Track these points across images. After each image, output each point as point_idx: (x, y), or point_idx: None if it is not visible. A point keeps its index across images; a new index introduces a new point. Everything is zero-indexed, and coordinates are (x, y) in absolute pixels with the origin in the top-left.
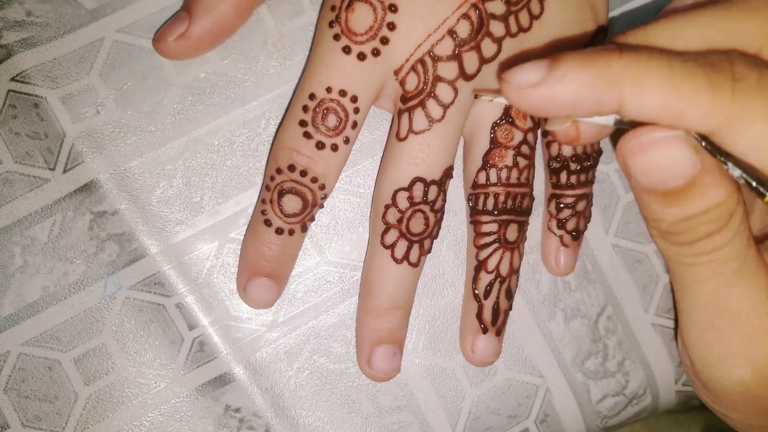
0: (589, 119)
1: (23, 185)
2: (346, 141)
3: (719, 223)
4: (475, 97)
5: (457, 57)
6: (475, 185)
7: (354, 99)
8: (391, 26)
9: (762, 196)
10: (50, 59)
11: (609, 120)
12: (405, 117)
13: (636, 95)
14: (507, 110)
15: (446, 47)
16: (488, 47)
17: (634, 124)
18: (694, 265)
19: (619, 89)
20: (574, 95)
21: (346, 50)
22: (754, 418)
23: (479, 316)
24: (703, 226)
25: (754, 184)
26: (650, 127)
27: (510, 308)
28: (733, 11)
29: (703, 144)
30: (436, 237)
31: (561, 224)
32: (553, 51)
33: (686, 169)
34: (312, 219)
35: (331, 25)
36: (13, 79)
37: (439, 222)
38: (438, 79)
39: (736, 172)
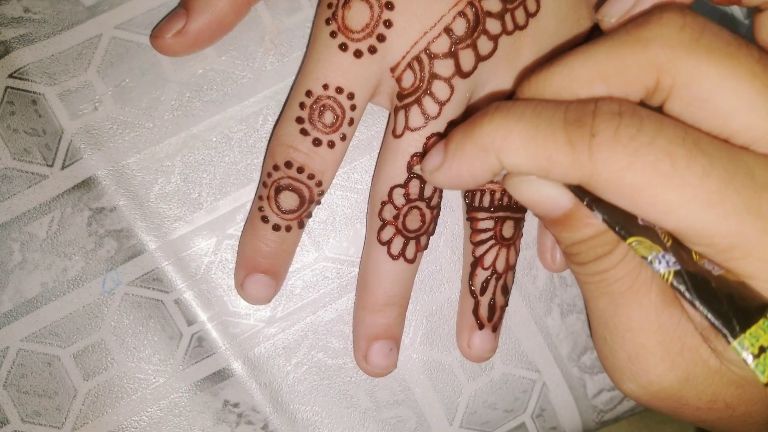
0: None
1: (21, 182)
2: (343, 138)
3: (605, 248)
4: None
5: (453, 54)
6: None
7: (351, 96)
8: (388, 24)
9: (623, 238)
10: (48, 56)
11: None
12: (401, 114)
13: (507, 155)
14: None
15: (442, 45)
16: (484, 45)
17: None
18: (588, 283)
19: (494, 152)
20: (467, 168)
21: (343, 47)
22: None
23: (476, 312)
24: (591, 250)
25: (616, 228)
26: None
27: (506, 304)
28: (625, 48)
29: (570, 189)
30: (432, 233)
31: None
32: (551, 52)
33: (561, 204)
34: (309, 215)
35: (327, 22)
36: (11, 76)
37: (435, 218)
38: (434, 76)
39: (599, 217)
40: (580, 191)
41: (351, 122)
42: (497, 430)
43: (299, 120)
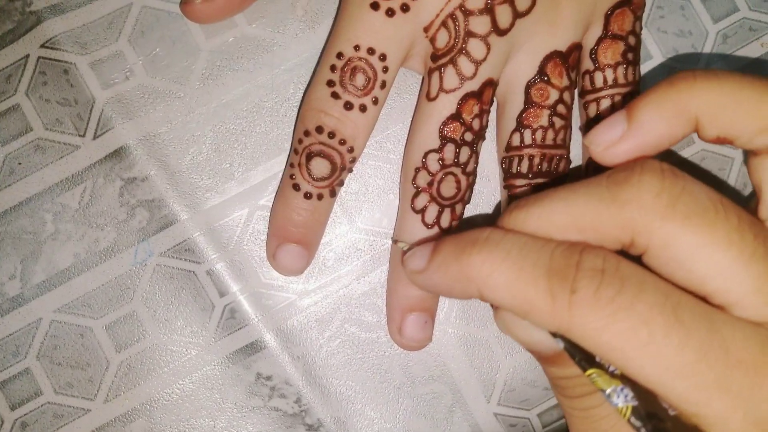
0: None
1: (54, 152)
2: (375, 101)
3: (592, 387)
4: (394, 242)
5: (489, 11)
6: (509, 148)
7: (383, 57)
8: None
9: (583, 369)
10: (79, 25)
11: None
12: (435, 76)
13: (489, 292)
14: (542, 68)
15: (478, 1)
16: (522, 0)
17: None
18: (573, 416)
19: (476, 284)
20: (446, 287)
21: (375, 6)
22: None
23: None
24: (579, 387)
25: (576, 358)
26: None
27: None
28: (602, 205)
29: (551, 333)
30: (468, 202)
31: None
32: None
33: (551, 346)
34: (341, 184)
35: None
36: (42, 46)
37: (471, 186)
38: (469, 34)
39: (561, 345)
40: (561, 338)
41: (383, 85)
42: (536, 408)
43: (330, 83)
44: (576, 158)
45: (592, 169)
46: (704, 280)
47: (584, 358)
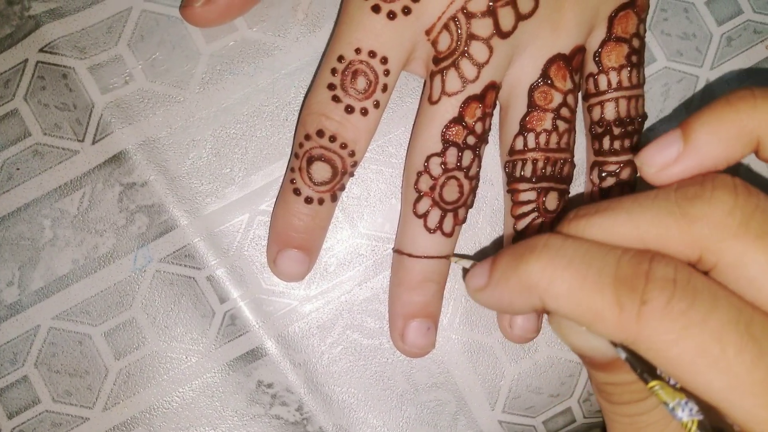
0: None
1: (52, 157)
2: (376, 105)
3: (640, 395)
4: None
5: (492, 13)
6: (512, 151)
7: (384, 60)
8: None
9: (645, 381)
10: (78, 29)
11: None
12: (437, 79)
13: (551, 301)
14: (545, 71)
15: (480, 3)
16: (525, 3)
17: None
18: (616, 421)
19: (538, 293)
20: (509, 301)
21: (376, 9)
22: None
23: None
24: (626, 394)
25: (638, 370)
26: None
27: None
28: (670, 220)
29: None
30: (471, 206)
31: (605, 194)
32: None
33: (607, 354)
34: (342, 188)
35: None
36: (41, 50)
37: (474, 190)
38: (472, 37)
39: (622, 356)
40: (623, 348)
41: (384, 88)
42: (542, 415)
43: (331, 86)
44: (580, 162)
45: (597, 175)
46: None
47: (646, 370)
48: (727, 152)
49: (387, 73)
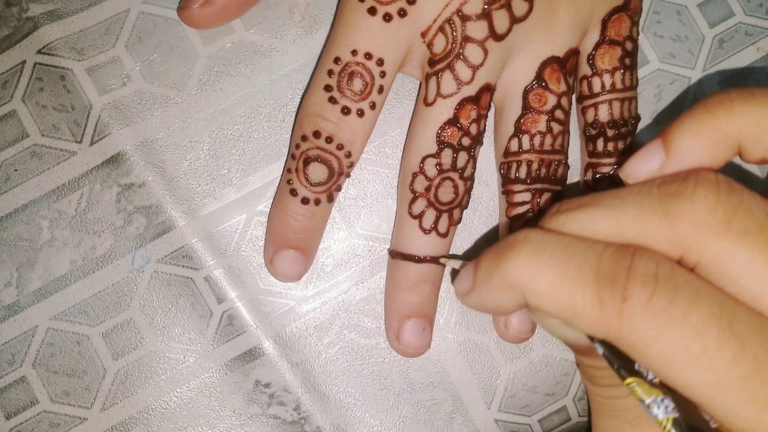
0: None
1: (50, 158)
2: (373, 106)
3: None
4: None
5: (486, 15)
6: (507, 153)
7: (380, 62)
8: None
9: (622, 378)
10: (76, 31)
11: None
12: (432, 81)
13: (532, 297)
14: (540, 73)
15: (475, 6)
16: (519, 5)
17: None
18: (597, 402)
19: (520, 290)
20: (494, 300)
21: (372, 11)
22: None
23: None
24: (608, 378)
25: (615, 366)
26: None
27: None
28: (652, 217)
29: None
30: (465, 207)
31: None
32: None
33: (586, 342)
34: (339, 189)
35: None
36: (39, 52)
37: (468, 191)
38: (467, 39)
39: (600, 351)
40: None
41: (381, 90)
42: (537, 413)
43: (327, 88)
44: (574, 163)
45: (591, 176)
46: (758, 298)
47: (623, 365)
48: (710, 158)
49: (383, 74)
